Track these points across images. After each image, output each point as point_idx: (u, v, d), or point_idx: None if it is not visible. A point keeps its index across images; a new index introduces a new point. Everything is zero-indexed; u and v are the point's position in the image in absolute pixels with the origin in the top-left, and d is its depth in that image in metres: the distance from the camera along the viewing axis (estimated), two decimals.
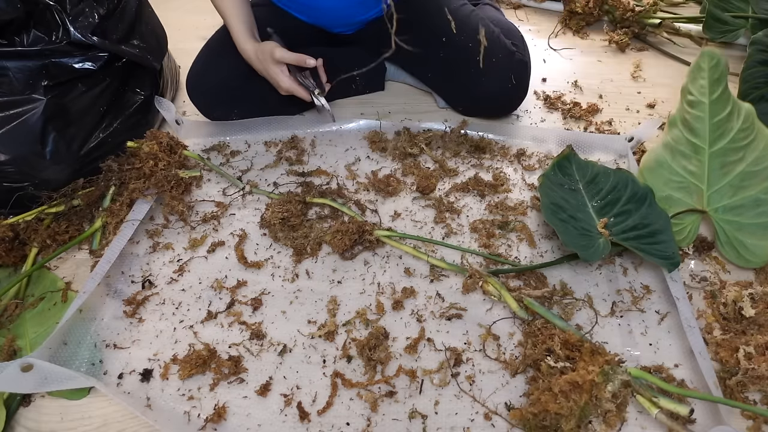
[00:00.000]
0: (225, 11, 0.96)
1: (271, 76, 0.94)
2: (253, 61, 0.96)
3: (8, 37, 0.84)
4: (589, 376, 0.60)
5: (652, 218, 0.81)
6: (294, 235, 0.87)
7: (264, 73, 0.96)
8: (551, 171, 0.90)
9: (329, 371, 0.71)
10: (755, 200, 0.80)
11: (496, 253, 0.84)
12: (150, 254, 0.86)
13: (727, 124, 0.82)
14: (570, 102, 1.17)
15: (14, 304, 0.78)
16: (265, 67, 0.94)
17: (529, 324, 0.73)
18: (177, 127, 1.06)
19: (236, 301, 0.79)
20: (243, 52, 0.96)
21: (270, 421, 0.66)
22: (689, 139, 0.85)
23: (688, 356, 0.71)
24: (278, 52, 0.91)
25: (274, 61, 0.92)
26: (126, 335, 0.75)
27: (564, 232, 0.78)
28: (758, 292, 0.75)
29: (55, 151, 0.87)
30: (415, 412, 0.66)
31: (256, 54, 0.94)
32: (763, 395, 0.67)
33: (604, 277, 0.81)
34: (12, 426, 0.67)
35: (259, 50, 0.94)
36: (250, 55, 0.95)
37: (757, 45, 1.07)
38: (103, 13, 0.92)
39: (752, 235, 0.80)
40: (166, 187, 0.91)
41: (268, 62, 0.93)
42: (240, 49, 0.97)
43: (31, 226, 0.85)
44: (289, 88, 0.94)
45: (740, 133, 0.81)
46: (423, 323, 0.76)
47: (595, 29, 1.46)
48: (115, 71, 0.97)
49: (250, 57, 0.96)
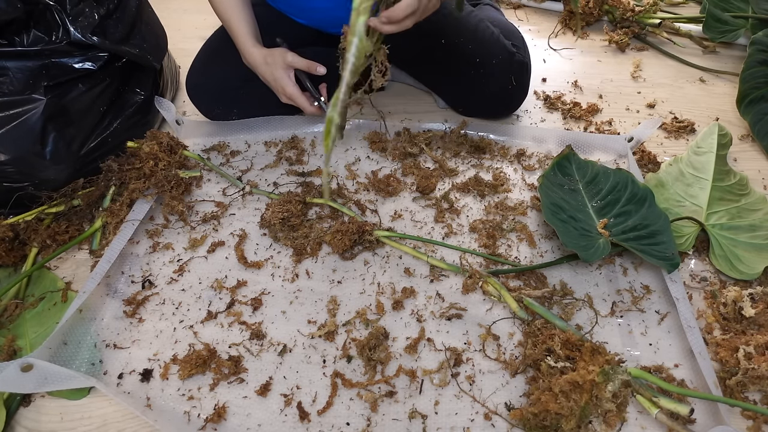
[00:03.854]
0: (229, 17, 0.95)
1: (277, 81, 0.93)
2: (260, 66, 0.94)
3: (8, 37, 0.84)
4: (590, 376, 0.60)
5: (651, 219, 0.81)
6: (294, 235, 0.87)
7: (269, 78, 0.95)
8: (551, 171, 0.91)
9: (329, 371, 0.71)
10: (750, 225, 0.84)
11: (496, 254, 0.84)
12: (150, 254, 0.86)
13: (727, 177, 0.92)
14: (570, 102, 1.17)
15: (14, 304, 0.78)
16: (272, 72, 0.93)
17: (529, 324, 0.73)
18: (177, 127, 1.06)
19: (236, 301, 0.79)
20: (248, 56, 0.95)
21: (270, 421, 0.66)
22: (693, 174, 0.92)
23: (688, 356, 0.71)
24: (290, 57, 0.90)
25: (283, 67, 0.92)
26: (126, 335, 0.75)
27: (564, 232, 0.78)
28: (758, 292, 0.75)
29: (55, 151, 0.87)
30: (415, 412, 0.66)
31: (264, 59, 0.93)
32: (763, 395, 0.67)
33: (604, 277, 0.81)
34: (12, 426, 0.67)
35: (268, 55, 0.93)
36: (257, 59, 0.94)
37: (757, 45, 1.07)
38: (103, 13, 0.92)
39: (746, 251, 0.81)
40: (166, 187, 0.91)
41: (276, 67, 0.92)
42: (246, 53, 0.95)
43: (31, 226, 0.85)
44: (292, 95, 0.93)
45: (737, 186, 0.91)
46: (423, 323, 0.76)
47: (595, 29, 1.46)
48: (115, 71, 0.97)
49: (256, 62, 0.94)
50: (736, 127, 1.10)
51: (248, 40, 0.94)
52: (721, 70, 1.27)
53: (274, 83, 0.94)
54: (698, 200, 0.88)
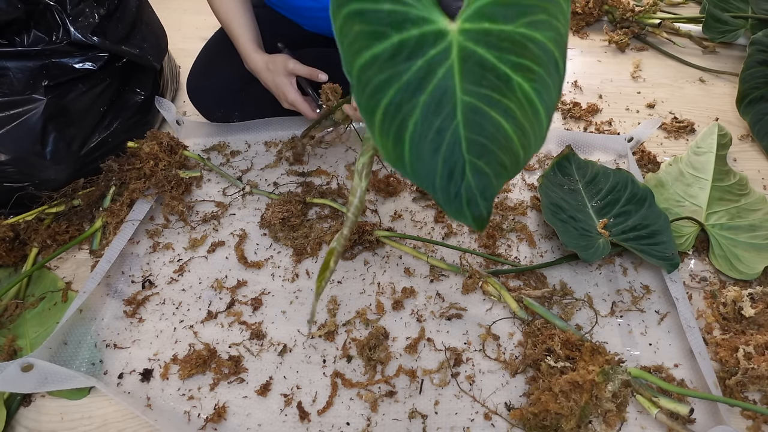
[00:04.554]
0: (230, 22, 0.94)
1: (279, 88, 0.93)
2: (261, 72, 0.94)
3: (8, 37, 0.84)
4: (589, 375, 0.60)
5: (651, 219, 0.81)
6: (294, 235, 0.87)
7: (270, 84, 0.95)
8: (551, 171, 0.91)
9: (329, 371, 0.71)
10: (750, 225, 0.84)
11: (495, 254, 0.84)
12: (150, 254, 0.87)
13: (727, 177, 0.92)
14: (570, 102, 1.17)
15: (14, 304, 0.78)
16: (273, 78, 0.93)
17: (529, 324, 0.73)
18: (177, 127, 1.06)
19: (236, 301, 0.79)
20: (250, 62, 0.95)
21: (270, 421, 0.66)
22: (693, 174, 0.92)
23: (688, 356, 0.71)
24: (291, 64, 0.90)
25: (285, 73, 0.92)
26: (126, 335, 0.75)
27: (564, 232, 0.78)
28: (758, 292, 0.75)
29: (55, 151, 0.87)
30: (415, 412, 0.66)
31: (266, 65, 0.93)
32: (762, 395, 0.67)
33: (604, 277, 0.82)
34: (12, 426, 0.67)
35: (270, 61, 0.92)
36: (259, 65, 0.94)
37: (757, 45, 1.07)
38: (103, 14, 0.92)
39: (746, 251, 0.81)
40: (167, 187, 0.91)
41: (278, 74, 0.92)
42: (247, 58, 0.95)
43: (32, 226, 0.85)
44: (294, 101, 0.93)
45: (736, 186, 0.91)
46: (423, 323, 0.76)
47: (595, 29, 1.46)
48: (116, 71, 0.97)
49: (258, 67, 0.94)
50: (736, 127, 1.11)
51: (250, 45, 0.94)
52: (721, 70, 1.27)
53: (276, 89, 0.94)
54: (698, 200, 0.88)
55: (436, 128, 0.44)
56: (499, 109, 0.45)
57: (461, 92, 0.44)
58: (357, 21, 0.41)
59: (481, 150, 0.46)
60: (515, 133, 0.46)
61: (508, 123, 0.46)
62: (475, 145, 0.46)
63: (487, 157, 0.46)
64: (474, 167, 0.46)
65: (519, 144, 0.47)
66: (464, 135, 0.45)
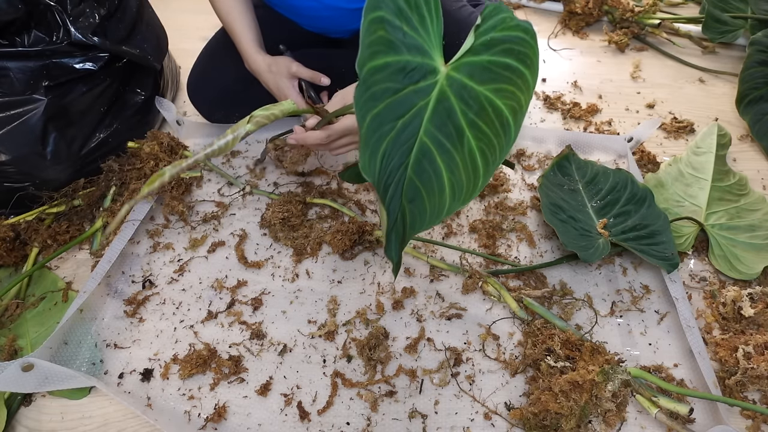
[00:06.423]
0: (232, 22, 0.94)
1: (281, 90, 0.93)
2: (263, 74, 0.94)
3: (9, 37, 0.84)
4: (589, 375, 0.60)
5: (651, 219, 0.81)
6: (294, 235, 0.87)
7: (272, 87, 0.94)
8: (551, 171, 0.91)
9: (329, 371, 0.71)
10: (750, 225, 0.85)
11: (495, 254, 0.85)
12: (150, 254, 0.87)
13: (726, 177, 0.93)
14: (570, 102, 1.17)
15: (15, 303, 0.78)
16: (276, 81, 0.93)
17: (528, 324, 0.73)
18: (177, 127, 1.06)
19: (236, 301, 0.79)
20: (252, 63, 0.95)
21: (270, 421, 0.66)
22: (693, 174, 0.92)
23: (688, 356, 0.71)
24: (295, 67, 0.90)
25: (287, 76, 0.92)
26: (126, 335, 0.76)
27: (564, 232, 0.78)
28: (757, 292, 0.75)
29: (55, 152, 0.87)
30: (415, 412, 0.66)
31: (269, 66, 0.93)
32: (762, 395, 0.68)
33: (604, 277, 0.82)
34: (13, 425, 0.67)
35: (273, 64, 0.92)
36: (261, 67, 0.94)
37: (757, 45, 1.08)
38: (103, 14, 0.92)
39: (746, 251, 0.82)
40: (167, 187, 0.91)
41: (281, 76, 0.92)
42: (249, 60, 0.95)
43: (32, 226, 0.85)
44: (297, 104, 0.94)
45: (736, 186, 0.92)
46: (423, 323, 0.76)
47: (595, 29, 1.46)
48: (116, 71, 0.97)
49: (260, 69, 0.94)
50: (736, 127, 1.11)
51: (252, 46, 0.94)
52: (721, 70, 1.28)
53: (277, 92, 0.94)
54: (697, 200, 0.88)
55: (396, 162, 0.49)
56: (446, 158, 0.50)
57: (423, 132, 0.49)
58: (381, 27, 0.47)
59: (413, 194, 0.50)
60: (449, 185, 0.51)
61: (447, 173, 0.50)
62: (411, 188, 0.50)
63: (414, 202, 0.51)
64: (406, 213, 0.51)
65: (449, 195, 0.51)
66: (409, 175, 0.49)
